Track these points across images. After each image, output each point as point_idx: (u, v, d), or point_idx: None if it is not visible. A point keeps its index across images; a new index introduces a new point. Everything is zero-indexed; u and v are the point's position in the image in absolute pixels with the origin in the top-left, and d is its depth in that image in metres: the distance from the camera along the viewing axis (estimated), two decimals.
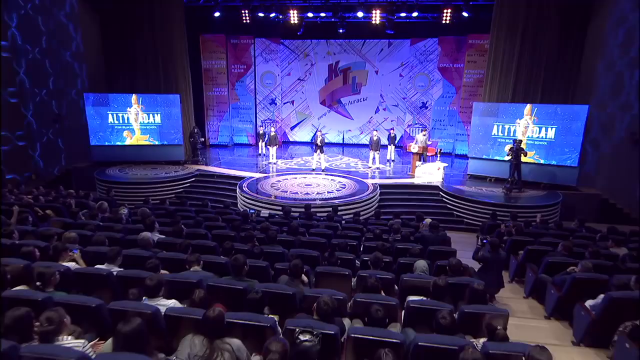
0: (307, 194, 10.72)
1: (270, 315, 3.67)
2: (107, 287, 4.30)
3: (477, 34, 14.91)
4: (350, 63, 17.65)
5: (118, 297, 3.95)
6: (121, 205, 7.95)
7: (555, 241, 6.59)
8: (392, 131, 15.17)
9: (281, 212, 8.49)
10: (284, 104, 18.52)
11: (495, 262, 5.58)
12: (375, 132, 13.87)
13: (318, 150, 12.97)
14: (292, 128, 18.96)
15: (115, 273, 4.33)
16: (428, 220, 7.45)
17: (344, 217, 9.00)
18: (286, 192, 10.81)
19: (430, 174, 12.25)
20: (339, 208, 9.50)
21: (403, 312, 3.95)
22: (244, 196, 10.61)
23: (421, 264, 4.71)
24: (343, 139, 18.09)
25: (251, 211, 8.42)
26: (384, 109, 17.94)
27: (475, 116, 12.58)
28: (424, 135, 12.89)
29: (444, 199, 11.27)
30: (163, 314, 3.36)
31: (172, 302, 3.68)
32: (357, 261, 5.59)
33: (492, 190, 11.44)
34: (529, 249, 6.33)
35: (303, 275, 4.39)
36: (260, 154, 15.62)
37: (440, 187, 11.52)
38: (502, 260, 5.73)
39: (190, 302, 3.53)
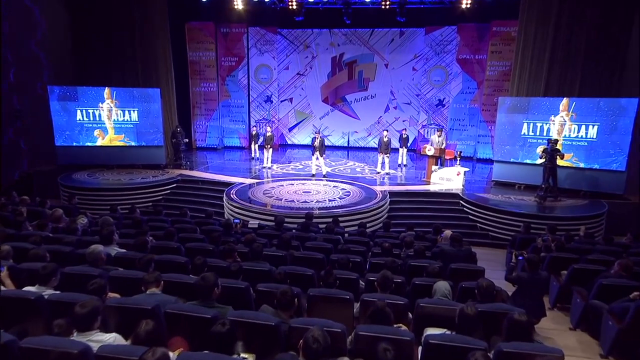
0: (305, 202, 10.53)
1: (243, 355, 3.11)
2: (38, 315, 3.81)
3: (503, 20, 14.68)
4: (357, 55, 17.52)
5: (52, 328, 3.43)
6: (81, 214, 7.41)
7: (607, 259, 6.17)
8: (404, 132, 14.88)
9: (273, 223, 8.19)
10: (281, 101, 18.37)
11: (534, 284, 5.14)
12: (385, 133, 13.61)
13: (317, 154, 12.73)
14: (291, 129, 18.79)
15: (47, 297, 3.75)
16: (448, 232, 7.02)
17: (347, 229, 8.79)
18: (281, 200, 10.65)
19: (448, 179, 12.05)
20: (342, 219, 9.29)
21: (419, 349, 3.45)
22: (231, 205, 10.40)
23: (442, 286, 4.30)
24: (348, 141, 18.15)
25: (235, 221, 8.08)
26: (395, 108, 17.76)
27: (501, 113, 12.24)
28: (440, 136, 12.75)
29: (465, 209, 10.98)
30: (95, 354, 2.79)
31: (112, 337, 3.14)
32: (361, 282, 5.20)
33: (522, 199, 11.11)
34: (574, 268, 5.89)
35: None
36: (253, 158, 15.47)
37: (461, 194, 11.26)
38: (543, 282, 5.32)
39: (134, 338, 2.93)
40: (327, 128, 18.13)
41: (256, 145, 15.41)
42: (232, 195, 10.84)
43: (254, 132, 15.69)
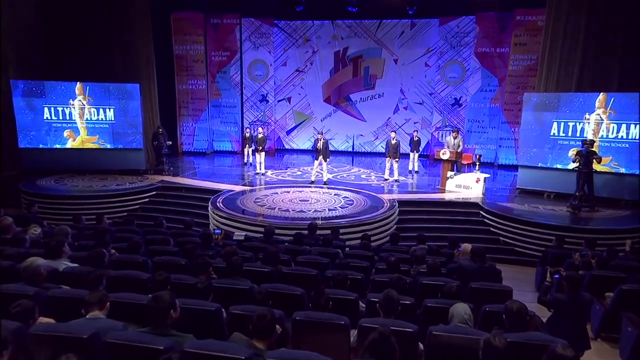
0: (302, 211, 10.38)
1: None
2: None
3: (528, 8, 14.60)
4: (362, 50, 17.53)
5: None
6: (34, 224, 7.03)
7: None
8: (415, 134, 14.78)
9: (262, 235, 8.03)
10: (278, 101, 18.40)
11: (575, 308, 4.77)
12: (392, 134, 13.43)
13: (320, 157, 12.56)
14: (289, 132, 18.80)
15: None
16: (467, 245, 6.64)
17: (349, 242, 8.69)
18: (274, 209, 10.53)
19: (466, 187, 11.86)
20: (344, 230, 9.24)
21: None
22: (217, 214, 10.26)
23: (461, 309, 3.99)
24: (353, 146, 18.05)
25: (216, 231, 7.83)
26: (405, 108, 17.70)
27: (527, 111, 12.01)
28: (456, 137, 12.56)
29: (485, 220, 10.69)
30: None
31: None
32: (361, 303, 4.89)
33: (552, 209, 10.83)
34: (622, 290, 5.53)
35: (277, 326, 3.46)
36: (246, 163, 15.43)
37: (481, 204, 11.02)
38: (586, 306, 4.93)
39: None
40: (329, 131, 17.97)
41: (249, 149, 15.30)
42: (218, 204, 10.71)
43: (247, 135, 15.55)
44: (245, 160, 15.49)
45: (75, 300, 4.00)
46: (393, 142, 13.07)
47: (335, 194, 11.75)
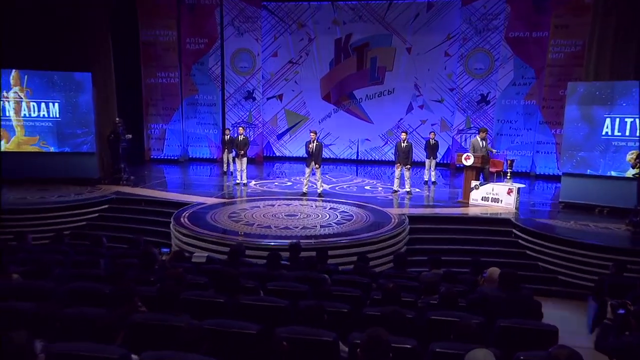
0: (287, 228, 10.22)
1: None
2: None
3: None
4: (369, 37, 17.48)
5: None
6: None
7: None
8: (431, 136, 14.72)
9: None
10: (268, 99, 18.38)
11: None
12: (403, 135, 13.13)
13: (312, 163, 12.36)
14: (280, 136, 18.75)
15: None
16: (495, 269, 6.29)
17: (344, 266, 8.40)
18: (252, 225, 10.35)
19: (495, 200, 11.67)
20: (338, 251, 9.17)
21: None
22: (179, 232, 10.10)
23: (481, 357, 3.52)
24: (357, 152, 18.21)
25: (164, 250, 7.72)
26: (421, 107, 17.62)
27: (571, 105, 11.90)
28: (484, 137, 12.27)
29: (520, 241, 10.46)
30: None
31: None
32: (342, 347, 4.49)
33: (606, 227, 10.53)
34: None
35: None
36: (226, 172, 15.43)
37: (514, 220, 10.84)
38: None
39: None
40: (328, 134, 17.99)
41: (229, 155, 15.21)
42: (182, 220, 10.52)
43: (226, 138, 15.47)
44: (225, 169, 15.43)
45: None
46: (404, 145, 12.82)
47: (331, 208, 11.67)
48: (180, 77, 17.17)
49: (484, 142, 12.13)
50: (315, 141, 12.39)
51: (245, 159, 13.73)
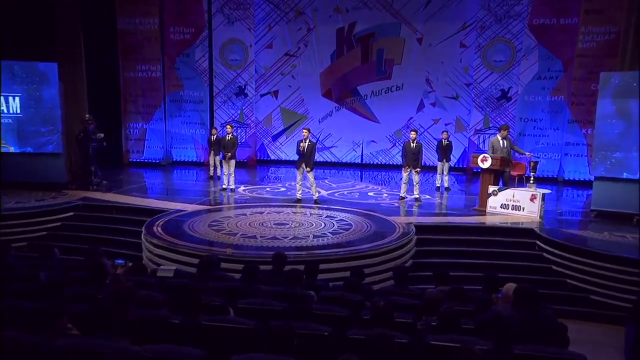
0: (275, 238, 10.21)
1: None
2: None
3: None
4: (375, 26, 17.52)
5: None
6: None
7: None
8: (444, 136, 14.62)
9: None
10: (261, 96, 18.40)
11: None
12: (412, 134, 13.05)
13: (303, 165, 12.39)
14: (275, 137, 18.77)
15: None
16: (510, 285, 6.01)
17: (339, 281, 8.26)
18: (235, 234, 10.32)
19: (517, 207, 11.57)
20: (332, 265, 9.13)
21: None
22: (151, 243, 10.01)
23: None
24: (362, 155, 18.29)
25: (118, 261, 7.49)
26: (433, 105, 17.62)
27: (605, 99, 11.74)
28: (505, 137, 12.18)
29: (544, 255, 10.39)
30: None
31: None
32: None
33: None
34: None
35: None
36: (212, 177, 15.40)
37: (538, 231, 10.77)
38: None
39: None
40: (330, 136, 18.10)
41: (216, 158, 15.05)
42: (155, 229, 10.39)
43: (213, 138, 15.32)
44: (212, 173, 15.41)
45: None
46: (413, 145, 12.77)
47: (327, 216, 11.68)
48: (162, 71, 17.14)
49: (505, 142, 11.99)
50: (307, 140, 12.43)
51: (233, 162, 13.71)
